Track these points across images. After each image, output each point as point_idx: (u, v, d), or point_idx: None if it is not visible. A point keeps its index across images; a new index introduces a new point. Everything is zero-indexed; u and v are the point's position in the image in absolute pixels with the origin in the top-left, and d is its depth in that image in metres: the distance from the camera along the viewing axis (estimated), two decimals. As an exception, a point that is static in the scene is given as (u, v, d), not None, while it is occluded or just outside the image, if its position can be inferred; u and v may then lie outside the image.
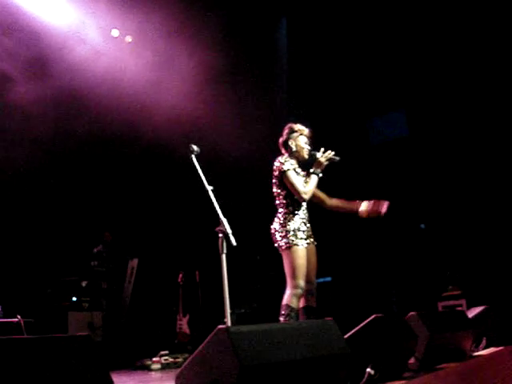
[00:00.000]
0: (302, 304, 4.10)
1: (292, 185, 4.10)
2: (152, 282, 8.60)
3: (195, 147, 3.80)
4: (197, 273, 8.26)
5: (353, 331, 2.95)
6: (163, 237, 8.87)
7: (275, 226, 4.14)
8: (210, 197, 3.65)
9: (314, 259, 4.19)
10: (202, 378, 2.15)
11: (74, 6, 7.22)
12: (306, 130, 4.35)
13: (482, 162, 7.47)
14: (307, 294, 4.08)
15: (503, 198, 7.28)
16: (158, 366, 6.05)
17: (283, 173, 4.12)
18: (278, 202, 4.20)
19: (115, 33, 7.70)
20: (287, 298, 3.99)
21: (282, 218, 4.11)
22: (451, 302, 6.81)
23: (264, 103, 8.75)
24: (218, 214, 3.66)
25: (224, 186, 4.35)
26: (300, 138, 4.30)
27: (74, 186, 8.23)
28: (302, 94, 9.31)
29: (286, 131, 4.36)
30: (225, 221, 3.63)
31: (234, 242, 3.72)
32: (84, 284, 7.89)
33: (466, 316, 4.05)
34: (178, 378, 2.28)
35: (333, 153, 4.23)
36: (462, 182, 7.69)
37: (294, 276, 3.96)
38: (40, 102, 6.90)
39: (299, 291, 3.97)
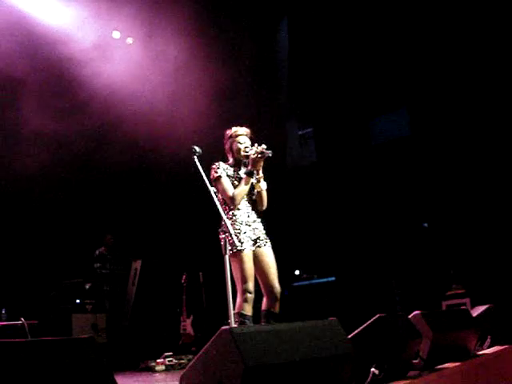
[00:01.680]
0: (263, 306, 3.95)
1: (223, 191, 3.94)
2: (155, 284, 8.60)
3: (197, 148, 3.75)
4: (200, 274, 8.26)
5: (357, 331, 2.95)
6: (166, 238, 8.86)
7: (220, 230, 3.93)
8: (212, 198, 3.63)
9: (270, 260, 3.97)
10: (207, 379, 2.15)
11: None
12: (240, 130, 4.15)
13: (484, 160, 7.45)
14: (270, 299, 3.92)
15: (506, 196, 7.26)
16: (162, 367, 6.06)
17: (215, 180, 3.96)
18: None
19: (116, 35, 7.75)
20: (238, 305, 3.81)
21: (223, 223, 3.84)
22: (455, 301, 6.78)
23: (267, 106, 8.76)
24: (220, 215, 3.66)
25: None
26: (237, 138, 4.11)
27: (76, 189, 8.24)
28: (303, 94, 9.31)
29: (224, 138, 4.19)
30: (228, 222, 3.62)
31: (237, 243, 3.73)
32: (87, 286, 7.90)
33: (471, 315, 4.04)
34: (182, 380, 2.28)
35: (263, 146, 3.94)
36: (464, 181, 7.67)
37: (241, 280, 3.81)
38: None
39: (249, 296, 3.82)
